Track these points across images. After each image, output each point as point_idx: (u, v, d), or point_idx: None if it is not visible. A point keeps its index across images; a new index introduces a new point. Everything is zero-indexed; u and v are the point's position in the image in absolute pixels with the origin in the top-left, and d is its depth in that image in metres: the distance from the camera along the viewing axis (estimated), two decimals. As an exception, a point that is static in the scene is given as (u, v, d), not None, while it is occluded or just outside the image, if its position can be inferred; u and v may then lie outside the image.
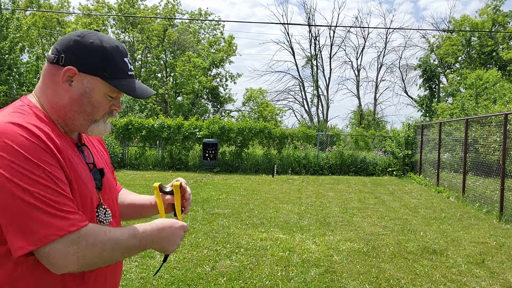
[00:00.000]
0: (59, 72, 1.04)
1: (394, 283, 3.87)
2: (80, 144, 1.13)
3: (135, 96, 1.11)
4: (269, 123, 16.22)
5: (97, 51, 1.05)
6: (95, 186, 1.10)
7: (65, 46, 1.05)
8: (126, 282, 3.64)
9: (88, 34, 1.07)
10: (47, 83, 1.06)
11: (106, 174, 1.18)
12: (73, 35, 1.07)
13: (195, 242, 4.93)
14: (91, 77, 1.05)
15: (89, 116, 1.08)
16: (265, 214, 6.74)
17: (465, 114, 15.48)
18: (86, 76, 1.05)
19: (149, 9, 30.64)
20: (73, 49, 1.04)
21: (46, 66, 1.07)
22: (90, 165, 1.12)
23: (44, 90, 1.07)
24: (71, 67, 1.03)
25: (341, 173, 14.31)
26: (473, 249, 5.09)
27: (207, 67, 28.43)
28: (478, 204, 7.96)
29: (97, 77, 1.05)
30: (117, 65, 1.08)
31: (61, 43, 1.06)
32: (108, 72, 1.06)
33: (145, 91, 1.14)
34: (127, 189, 1.46)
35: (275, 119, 30.19)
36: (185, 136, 13.88)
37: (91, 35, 1.07)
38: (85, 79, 1.05)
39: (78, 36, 1.06)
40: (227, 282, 3.74)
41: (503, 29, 26.47)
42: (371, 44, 59.09)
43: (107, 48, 1.06)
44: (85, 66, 1.04)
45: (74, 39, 1.05)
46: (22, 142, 0.90)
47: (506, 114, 7.24)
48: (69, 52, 1.04)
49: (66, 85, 1.04)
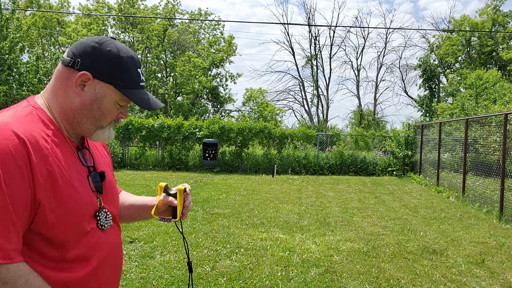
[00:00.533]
0: (73, 76, 1.04)
1: (394, 283, 3.87)
2: (81, 147, 1.13)
3: (145, 107, 1.11)
4: (269, 123, 16.22)
5: (113, 59, 1.06)
6: (95, 189, 1.10)
7: (82, 50, 1.05)
8: (126, 282, 3.65)
9: (106, 41, 1.08)
10: (58, 85, 1.07)
11: (107, 177, 1.17)
12: (91, 40, 1.07)
13: (195, 242, 4.93)
14: (104, 84, 1.07)
15: (96, 122, 1.09)
16: (265, 214, 6.74)
17: (465, 114, 15.48)
18: (99, 83, 1.06)
19: (149, 9, 30.64)
20: (90, 55, 1.05)
21: (60, 68, 1.07)
22: (90, 168, 1.11)
23: (55, 91, 1.07)
24: (86, 73, 1.04)
25: (341, 173, 14.32)
26: (473, 249, 5.09)
27: (207, 67, 28.43)
28: (478, 204, 7.96)
29: (110, 85, 1.07)
30: (131, 75, 1.09)
31: (78, 47, 1.06)
32: (122, 81, 1.08)
33: (155, 103, 1.15)
34: (127, 189, 1.48)
35: (275, 119, 30.18)
36: (185, 136, 13.89)
37: (109, 42, 1.08)
38: (98, 86, 1.06)
39: (96, 43, 1.06)
40: (227, 282, 3.74)
41: (503, 29, 26.47)
42: (371, 44, 59.09)
43: (124, 57, 1.08)
44: (100, 73, 1.05)
45: (92, 45, 1.06)
46: (2, 148, 0.90)
47: (506, 114, 7.24)
48: (86, 57, 1.04)
49: (79, 89, 1.05)
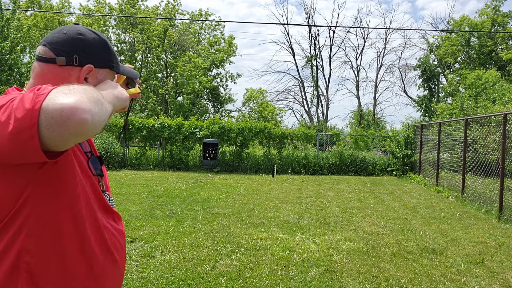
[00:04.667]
0: (73, 73, 1.05)
1: (393, 282, 3.89)
2: None
3: (135, 76, 1.27)
4: (269, 123, 16.24)
5: (102, 45, 1.11)
6: (96, 173, 1.12)
7: (72, 46, 1.05)
8: (127, 282, 3.66)
9: (83, 30, 1.09)
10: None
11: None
12: (72, 33, 1.07)
13: (195, 242, 4.95)
14: (103, 70, 1.12)
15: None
16: (265, 214, 6.76)
17: (465, 114, 15.49)
18: (99, 70, 1.10)
19: (150, 10, 30.65)
20: (82, 48, 1.06)
21: (51, 69, 1.05)
22: (88, 154, 1.12)
23: None
24: (90, 66, 1.06)
25: (340, 173, 14.34)
26: (472, 248, 5.10)
27: (207, 67, 28.43)
28: (478, 204, 7.98)
29: (107, 68, 1.13)
30: (114, 53, 1.17)
31: (64, 43, 1.05)
32: (114, 62, 1.15)
33: (134, 71, 1.29)
34: (128, 189, 1.52)
35: (275, 119, 30.19)
36: (185, 136, 13.91)
37: (86, 31, 1.10)
38: (99, 73, 1.10)
39: (79, 35, 1.07)
40: (227, 281, 3.76)
41: (503, 29, 26.48)
42: (371, 44, 59.12)
43: (105, 39, 1.14)
44: (97, 61, 1.09)
45: (79, 38, 1.07)
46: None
47: (505, 114, 7.26)
48: (80, 52, 1.06)
49: (83, 82, 1.07)
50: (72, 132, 0.80)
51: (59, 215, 0.96)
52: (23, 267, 0.93)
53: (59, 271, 0.98)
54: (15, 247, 0.93)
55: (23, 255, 0.93)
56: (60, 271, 0.98)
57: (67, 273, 0.99)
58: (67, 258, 0.99)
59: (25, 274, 0.93)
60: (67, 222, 0.98)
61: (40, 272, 0.95)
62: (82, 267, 1.02)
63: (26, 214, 0.92)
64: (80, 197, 1.00)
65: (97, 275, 1.05)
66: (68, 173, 0.97)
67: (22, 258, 0.93)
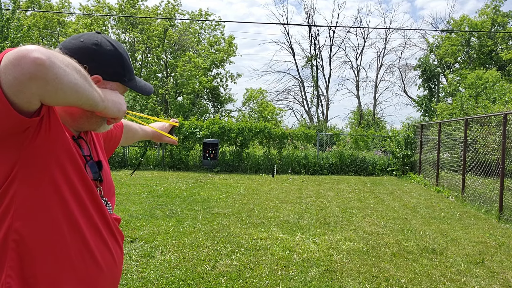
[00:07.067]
0: None
1: (393, 282, 3.89)
2: (77, 137, 1.13)
3: (147, 94, 1.22)
4: (269, 123, 16.22)
5: (116, 57, 1.10)
6: (93, 178, 1.11)
7: (83, 54, 1.05)
8: (127, 282, 3.66)
9: (101, 40, 1.09)
10: None
11: (104, 167, 1.19)
12: (89, 43, 1.07)
13: (195, 242, 4.95)
14: (113, 82, 1.11)
15: (103, 117, 1.11)
16: (265, 214, 6.75)
17: (465, 114, 15.49)
18: (108, 83, 1.09)
19: (150, 10, 30.64)
20: (94, 58, 1.06)
21: None
22: (87, 158, 1.12)
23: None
24: (97, 76, 1.06)
25: (340, 173, 14.34)
26: (472, 248, 5.10)
27: (207, 67, 28.42)
28: (478, 203, 7.97)
29: (117, 82, 1.12)
30: (129, 67, 1.15)
31: (78, 51, 1.05)
32: (127, 76, 1.14)
33: (150, 88, 1.25)
34: (128, 189, 1.51)
35: (275, 119, 30.17)
36: (185, 136, 13.91)
37: (103, 41, 1.09)
38: (107, 85, 1.09)
39: (95, 45, 1.07)
40: (227, 281, 3.76)
41: (503, 29, 26.48)
42: (371, 44, 59.01)
43: (122, 53, 1.12)
44: (107, 73, 1.08)
45: (93, 48, 1.06)
46: None
47: (506, 114, 7.25)
48: (91, 62, 1.05)
49: None
50: (27, 72, 0.76)
51: (46, 200, 0.95)
52: (11, 245, 0.92)
53: (51, 257, 0.97)
54: (5, 224, 0.92)
55: (10, 233, 0.92)
56: (52, 258, 0.97)
57: (59, 261, 0.98)
58: (60, 247, 0.98)
59: (14, 254, 0.92)
60: (56, 210, 0.97)
61: (30, 255, 0.94)
62: (79, 260, 1.02)
63: (13, 193, 0.91)
64: (66, 190, 0.99)
65: (91, 272, 1.05)
66: (51, 160, 0.96)
67: (10, 236, 0.92)
